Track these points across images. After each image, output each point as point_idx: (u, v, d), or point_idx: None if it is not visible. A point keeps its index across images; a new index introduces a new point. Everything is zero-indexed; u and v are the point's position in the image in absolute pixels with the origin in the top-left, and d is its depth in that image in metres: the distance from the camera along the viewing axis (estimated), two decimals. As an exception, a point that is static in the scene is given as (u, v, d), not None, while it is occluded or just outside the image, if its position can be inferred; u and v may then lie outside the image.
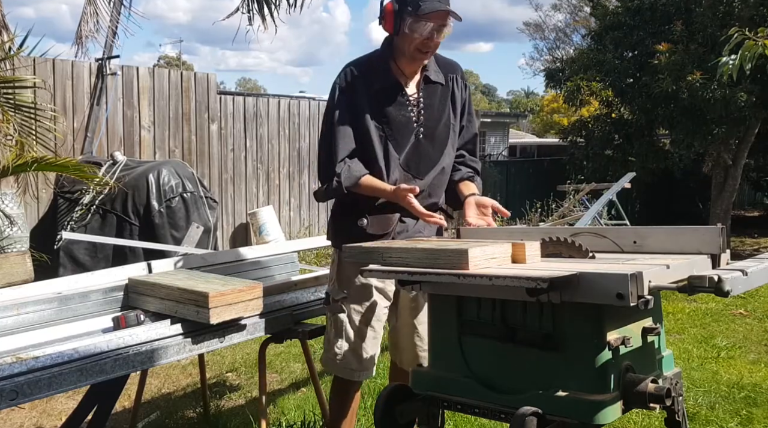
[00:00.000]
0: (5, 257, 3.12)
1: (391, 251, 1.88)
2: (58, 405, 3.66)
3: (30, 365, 1.89)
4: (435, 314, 1.94)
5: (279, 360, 4.45)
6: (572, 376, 1.62)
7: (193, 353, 2.32)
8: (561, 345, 1.64)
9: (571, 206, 9.80)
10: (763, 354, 4.55)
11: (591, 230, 2.05)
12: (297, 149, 8.97)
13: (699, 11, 9.06)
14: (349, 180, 2.33)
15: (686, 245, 1.83)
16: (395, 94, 2.40)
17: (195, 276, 2.51)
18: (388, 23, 2.34)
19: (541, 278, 1.47)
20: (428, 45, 2.31)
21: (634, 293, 1.44)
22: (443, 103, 2.48)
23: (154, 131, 7.45)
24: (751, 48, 3.35)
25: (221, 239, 7.94)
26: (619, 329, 1.63)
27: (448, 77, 2.50)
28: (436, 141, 2.45)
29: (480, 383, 1.77)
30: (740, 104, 8.39)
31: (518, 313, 1.72)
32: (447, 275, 1.66)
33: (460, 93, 2.53)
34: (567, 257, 1.88)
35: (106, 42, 7.00)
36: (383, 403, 1.87)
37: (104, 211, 5.99)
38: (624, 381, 1.61)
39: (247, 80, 65.58)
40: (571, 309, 1.59)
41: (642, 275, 1.46)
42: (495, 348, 1.76)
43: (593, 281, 1.49)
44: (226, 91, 10.86)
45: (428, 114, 2.43)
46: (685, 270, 1.64)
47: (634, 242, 1.94)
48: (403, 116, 2.39)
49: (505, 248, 1.79)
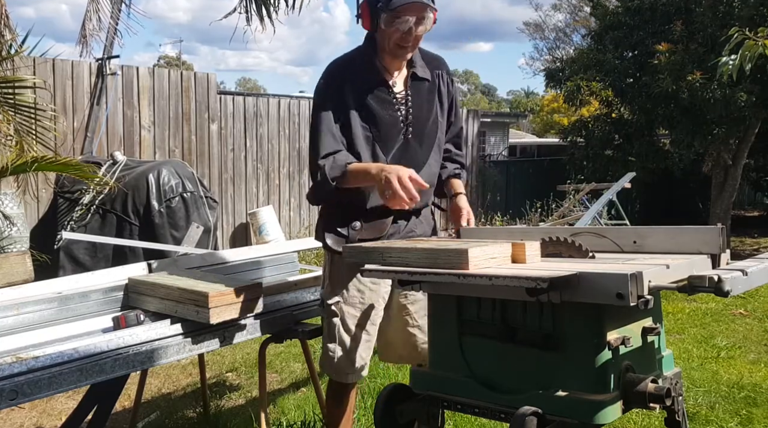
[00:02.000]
0: (5, 257, 3.11)
1: (391, 251, 1.87)
2: (58, 405, 3.66)
3: (30, 365, 1.89)
4: (435, 314, 1.94)
5: (279, 360, 4.45)
6: (572, 376, 1.62)
7: (193, 353, 2.32)
8: (561, 344, 1.64)
9: (571, 206, 9.80)
10: (763, 354, 4.55)
11: (591, 230, 2.05)
12: (297, 148, 8.97)
13: (699, 11, 9.06)
14: (334, 170, 2.23)
15: (686, 245, 1.83)
16: (382, 93, 2.34)
17: (195, 276, 2.51)
18: (365, 20, 2.30)
19: (541, 278, 1.46)
20: (407, 39, 2.25)
21: (634, 293, 1.44)
22: (431, 101, 2.43)
23: (154, 130, 7.46)
24: (751, 48, 3.34)
25: (221, 239, 7.95)
26: (619, 329, 1.63)
27: (435, 73, 2.46)
28: (424, 141, 2.40)
29: (480, 383, 1.77)
30: (740, 104, 8.39)
31: (518, 313, 1.72)
32: (447, 275, 1.66)
33: (446, 89, 2.48)
34: (567, 257, 1.87)
35: (107, 39, 7.01)
36: (383, 403, 1.87)
37: (104, 211, 5.99)
38: (624, 380, 1.61)
39: (247, 80, 65.57)
40: (571, 309, 1.59)
41: (642, 275, 1.46)
42: (495, 348, 1.76)
43: (593, 280, 1.49)
44: (226, 91, 10.86)
45: (416, 113, 2.38)
46: (685, 270, 1.64)
47: (634, 242, 1.93)
48: (390, 116, 2.34)
49: (505, 248, 1.78)
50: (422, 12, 2.23)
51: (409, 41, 2.27)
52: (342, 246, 2.17)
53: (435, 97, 2.45)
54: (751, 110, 8.70)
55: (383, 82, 2.35)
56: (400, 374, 4.03)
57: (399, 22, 2.22)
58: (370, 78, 2.34)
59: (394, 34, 2.25)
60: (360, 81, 2.33)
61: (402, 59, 2.36)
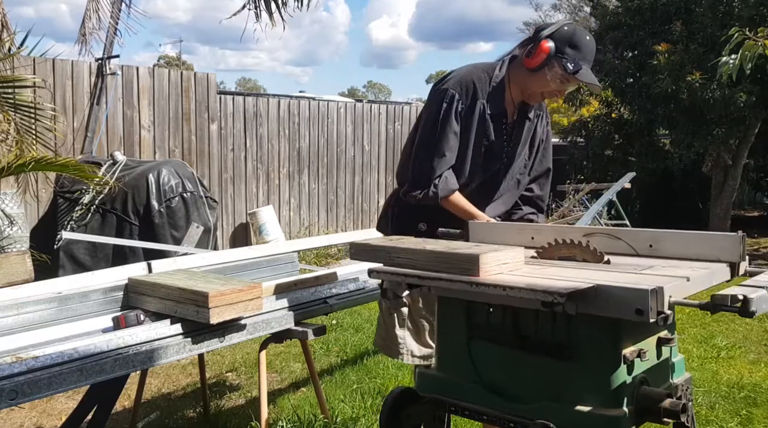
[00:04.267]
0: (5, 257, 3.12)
1: (398, 251, 1.81)
2: (58, 405, 3.66)
3: (30, 365, 1.88)
4: (443, 316, 1.88)
5: (279, 360, 4.45)
6: (585, 388, 1.56)
7: (193, 353, 2.31)
8: (574, 355, 1.58)
9: (571, 206, 9.80)
10: (763, 354, 4.55)
11: (605, 231, 1.98)
12: (297, 148, 8.97)
13: (699, 11, 9.07)
14: (444, 191, 2.35)
15: (704, 252, 1.78)
16: (500, 123, 2.42)
17: (195, 276, 2.51)
18: (535, 60, 2.31)
19: (559, 293, 1.41)
20: (555, 95, 2.37)
21: (654, 308, 1.38)
22: (526, 140, 2.51)
23: (154, 130, 7.45)
24: (751, 48, 3.34)
25: (221, 239, 7.95)
26: (635, 342, 1.58)
27: (536, 113, 2.52)
28: (509, 174, 2.49)
29: (488, 389, 1.72)
30: (740, 104, 8.40)
31: (530, 320, 1.66)
32: (459, 282, 1.60)
33: (542, 130, 2.56)
34: (581, 260, 1.82)
35: (107, 39, 7.01)
36: (389, 408, 1.83)
37: (104, 211, 5.99)
38: (638, 395, 1.55)
39: (247, 80, 65.60)
40: (586, 320, 1.52)
41: (663, 291, 1.40)
42: (504, 355, 1.70)
43: (612, 294, 1.43)
44: (226, 91, 10.86)
45: (513, 146, 2.47)
46: (705, 281, 1.59)
47: (650, 246, 1.87)
48: (497, 145, 2.42)
49: (518, 253, 1.73)
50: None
51: (555, 96, 2.38)
52: (350, 243, 2.18)
53: (530, 137, 2.52)
54: (751, 110, 8.70)
55: (504, 113, 2.43)
56: (400, 374, 4.03)
57: (566, 84, 2.31)
58: (496, 105, 2.40)
59: (551, 89, 2.34)
60: (489, 105, 2.39)
61: (532, 103, 2.45)
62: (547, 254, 1.90)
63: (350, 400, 3.62)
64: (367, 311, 5.47)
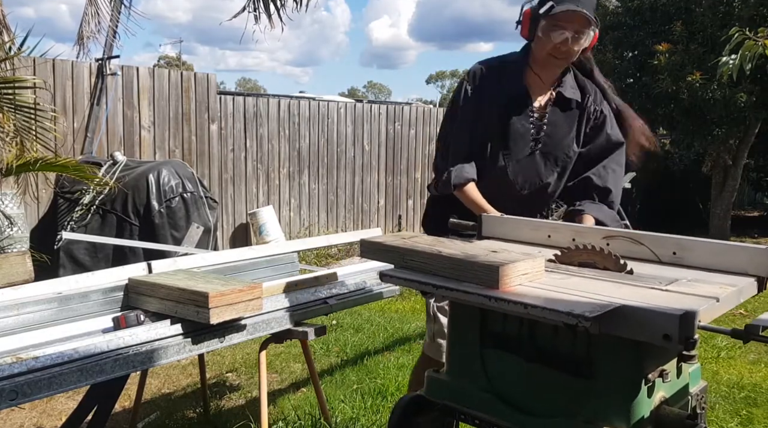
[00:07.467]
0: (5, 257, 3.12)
1: (412, 254, 1.72)
2: (58, 405, 3.66)
3: (30, 365, 1.89)
4: (456, 320, 1.81)
5: (279, 360, 4.45)
6: (603, 407, 1.51)
7: (193, 353, 2.31)
8: (594, 373, 1.52)
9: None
10: (763, 354, 4.55)
11: (627, 234, 1.90)
12: (297, 149, 8.97)
13: (699, 11, 9.07)
14: (457, 178, 2.38)
15: (731, 264, 1.70)
16: (522, 104, 2.40)
17: (195, 276, 2.51)
18: (524, 28, 2.34)
19: (584, 316, 1.33)
20: (561, 50, 2.29)
21: (682, 334, 1.31)
22: (571, 124, 2.44)
23: (154, 131, 7.46)
24: (751, 48, 3.34)
25: (221, 239, 7.95)
26: (659, 364, 1.52)
27: (587, 97, 2.45)
28: (551, 160, 2.44)
29: (500, 400, 1.65)
30: (740, 104, 8.40)
31: (549, 333, 1.59)
32: (477, 295, 1.52)
33: (594, 116, 2.47)
34: (601, 268, 1.74)
35: (107, 42, 7.01)
36: (398, 417, 1.78)
37: (104, 211, 5.99)
38: (658, 416, 1.51)
39: (247, 80, 65.61)
40: (609, 338, 1.45)
41: (693, 316, 1.32)
42: (520, 366, 1.63)
43: (639, 317, 1.36)
44: (226, 92, 10.86)
45: (551, 130, 2.42)
46: (734, 300, 1.52)
47: (673, 253, 1.80)
48: (522, 126, 2.39)
49: (538, 263, 1.64)
50: (583, 25, 2.26)
51: (563, 52, 2.30)
52: (360, 239, 2.14)
53: (574, 124, 2.45)
54: (751, 110, 8.71)
55: (525, 93, 2.40)
56: (401, 374, 4.03)
57: (557, 31, 2.25)
58: (515, 86, 2.39)
59: (550, 44, 2.29)
60: (504, 87, 2.38)
61: (554, 71, 2.40)
62: (566, 258, 1.83)
63: (350, 400, 3.62)
64: (367, 312, 5.48)
